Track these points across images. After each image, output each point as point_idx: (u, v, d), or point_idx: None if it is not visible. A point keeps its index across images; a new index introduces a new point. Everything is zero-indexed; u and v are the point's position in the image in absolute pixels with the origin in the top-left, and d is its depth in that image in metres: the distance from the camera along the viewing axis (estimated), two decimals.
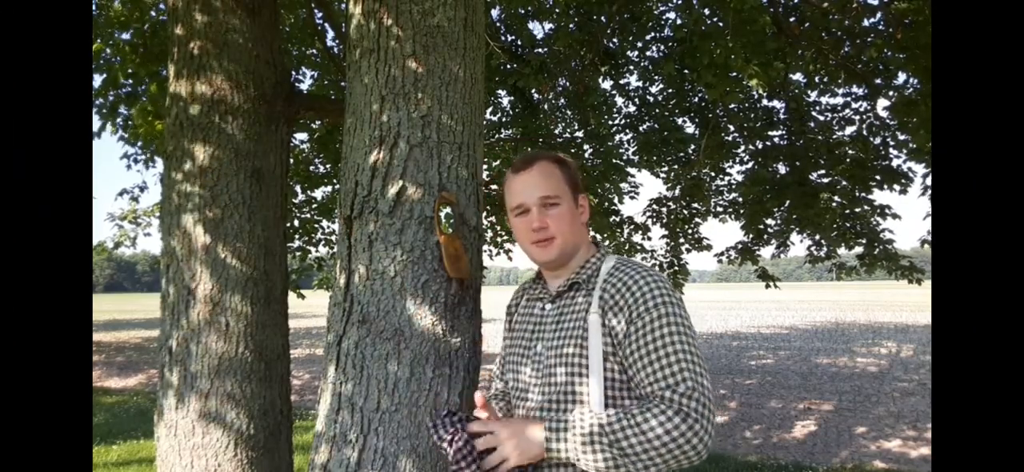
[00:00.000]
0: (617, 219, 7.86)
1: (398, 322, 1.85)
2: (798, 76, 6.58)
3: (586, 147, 7.56)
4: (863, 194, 6.32)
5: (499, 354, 1.84)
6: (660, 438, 1.29)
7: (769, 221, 7.14)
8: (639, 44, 6.67)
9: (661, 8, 6.39)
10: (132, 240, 8.06)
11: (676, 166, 7.43)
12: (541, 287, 1.67)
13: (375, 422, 1.82)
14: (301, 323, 21.43)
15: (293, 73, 6.13)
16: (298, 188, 7.56)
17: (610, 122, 7.74)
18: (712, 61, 4.48)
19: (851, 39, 5.41)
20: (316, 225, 7.99)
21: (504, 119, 7.62)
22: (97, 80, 5.27)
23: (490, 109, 7.36)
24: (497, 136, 7.40)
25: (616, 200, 7.91)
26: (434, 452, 1.82)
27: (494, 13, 6.30)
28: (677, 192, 7.59)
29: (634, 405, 1.40)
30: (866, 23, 5.43)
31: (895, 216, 6.37)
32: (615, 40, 6.45)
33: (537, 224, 1.56)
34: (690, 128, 7.22)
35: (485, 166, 1.89)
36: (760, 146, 6.89)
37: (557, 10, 6.01)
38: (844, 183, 6.35)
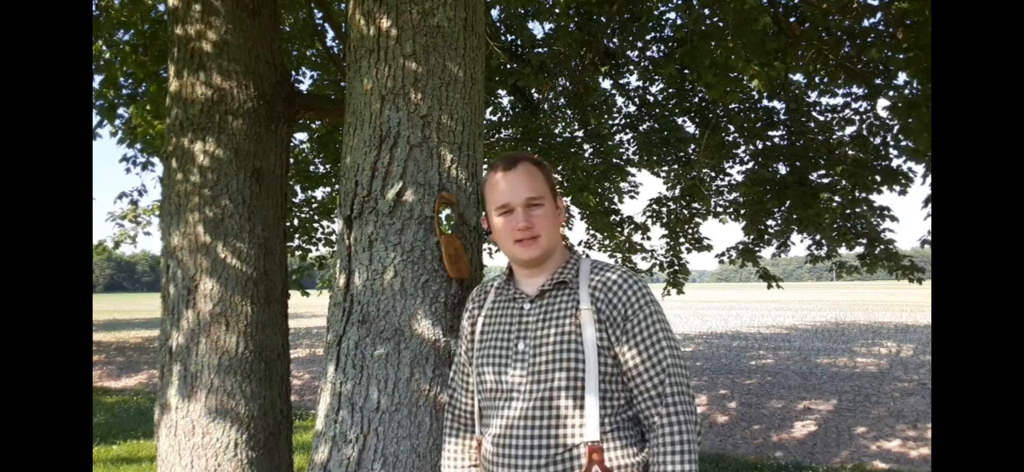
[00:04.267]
0: (617, 219, 7.85)
1: (398, 322, 1.85)
2: (798, 76, 6.57)
3: (586, 147, 7.55)
4: (863, 194, 6.32)
5: (458, 360, 1.75)
6: (688, 449, 1.47)
7: (769, 221, 7.14)
8: (639, 44, 6.66)
9: (661, 8, 6.38)
10: (132, 239, 8.06)
11: (676, 166, 7.42)
12: (514, 288, 1.66)
13: (375, 422, 1.82)
14: (301, 323, 21.43)
15: (293, 73, 6.13)
16: (298, 188, 7.55)
17: (610, 122, 7.73)
18: (712, 61, 4.47)
19: (851, 39, 5.40)
20: (316, 225, 7.99)
21: (504, 119, 7.61)
22: (97, 80, 5.27)
23: (490, 109, 7.35)
24: (497, 136, 7.39)
25: (616, 200, 7.91)
26: (434, 452, 1.82)
27: (494, 13, 6.29)
28: (677, 192, 7.58)
29: (660, 448, 1.47)
30: (866, 23, 5.42)
31: (893, 217, 6.37)
32: (615, 40, 6.45)
33: (523, 223, 1.59)
34: (690, 128, 7.22)
35: (485, 166, 1.89)
36: (760, 146, 6.88)
37: (557, 10, 6.00)
38: (844, 183, 6.34)
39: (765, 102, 6.80)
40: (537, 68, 5.51)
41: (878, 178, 6.16)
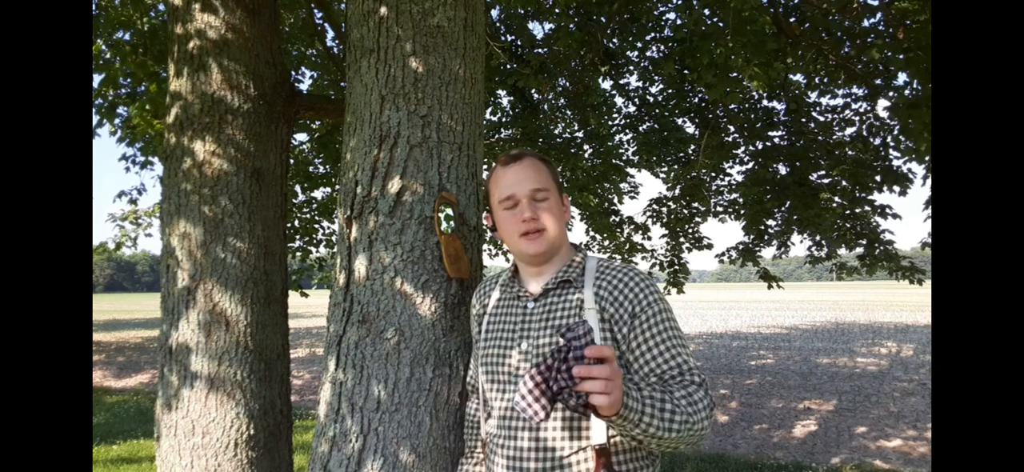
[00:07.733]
0: (617, 219, 7.86)
1: (398, 322, 1.85)
2: (798, 76, 6.58)
3: (586, 147, 7.56)
4: (863, 194, 6.32)
5: (474, 366, 1.73)
6: (702, 411, 1.39)
7: (769, 221, 7.14)
8: (639, 44, 6.66)
9: (661, 8, 6.39)
10: (133, 240, 8.07)
11: (676, 166, 7.42)
12: (518, 287, 1.63)
13: (375, 421, 1.82)
14: (301, 323, 21.44)
15: (293, 73, 6.13)
16: (298, 188, 7.56)
17: (610, 122, 7.73)
18: (712, 61, 4.48)
19: (851, 39, 5.40)
20: (316, 225, 7.99)
21: (504, 119, 7.61)
22: (97, 80, 5.27)
23: (490, 109, 7.35)
24: (497, 136, 7.39)
25: (616, 200, 7.91)
26: (434, 451, 1.82)
27: (494, 13, 6.29)
28: (677, 192, 7.58)
29: (672, 386, 1.41)
30: (866, 23, 5.42)
31: (895, 216, 6.37)
32: (615, 40, 6.45)
33: (528, 215, 1.55)
34: (690, 128, 7.23)
35: (485, 166, 1.89)
36: (760, 146, 6.89)
37: (557, 10, 6.00)
38: (844, 183, 6.35)
39: (765, 102, 6.81)
40: (537, 68, 5.51)
41: (878, 178, 6.16)
